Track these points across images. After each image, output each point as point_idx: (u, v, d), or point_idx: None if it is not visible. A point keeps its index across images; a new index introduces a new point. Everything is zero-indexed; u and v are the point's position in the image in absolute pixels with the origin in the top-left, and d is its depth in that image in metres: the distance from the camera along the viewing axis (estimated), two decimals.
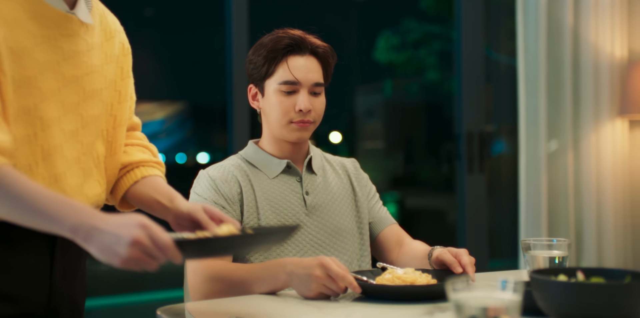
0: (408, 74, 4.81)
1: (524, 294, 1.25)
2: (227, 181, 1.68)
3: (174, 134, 4.87)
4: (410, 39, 4.68)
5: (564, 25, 3.16)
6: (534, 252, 1.47)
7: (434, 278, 1.49)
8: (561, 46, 3.16)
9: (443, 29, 4.59)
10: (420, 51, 4.71)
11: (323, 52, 1.71)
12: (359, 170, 1.88)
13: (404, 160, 4.81)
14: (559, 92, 3.17)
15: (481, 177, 3.31)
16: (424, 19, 4.67)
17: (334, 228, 1.73)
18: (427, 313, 1.34)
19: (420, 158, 4.81)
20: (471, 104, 3.31)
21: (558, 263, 1.44)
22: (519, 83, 3.16)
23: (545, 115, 3.12)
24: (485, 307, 0.97)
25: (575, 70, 3.21)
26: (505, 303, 0.97)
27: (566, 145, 3.16)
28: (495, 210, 3.59)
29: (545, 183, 3.11)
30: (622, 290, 1.08)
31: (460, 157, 3.33)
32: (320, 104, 1.72)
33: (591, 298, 1.09)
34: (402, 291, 1.39)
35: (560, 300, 1.13)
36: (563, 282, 1.13)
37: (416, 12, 4.69)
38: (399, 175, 4.79)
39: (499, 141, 3.68)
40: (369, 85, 4.78)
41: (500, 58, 3.56)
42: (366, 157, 4.72)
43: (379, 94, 4.79)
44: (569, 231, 3.15)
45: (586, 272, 1.20)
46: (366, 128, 4.81)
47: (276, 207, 1.69)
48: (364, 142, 4.75)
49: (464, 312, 1.00)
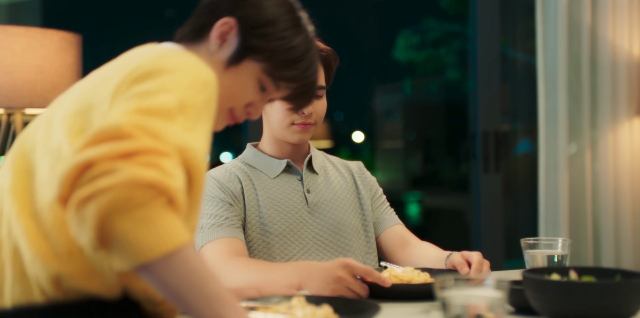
0: (428, 73, 4.80)
1: (517, 293, 1.25)
2: (230, 180, 1.70)
3: None
4: (430, 38, 4.67)
5: (582, 23, 3.13)
6: (533, 251, 1.46)
7: (432, 277, 1.49)
8: (579, 45, 3.13)
9: (463, 28, 4.56)
10: (440, 50, 4.70)
11: (326, 55, 1.72)
12: (363, 171, 1.89)
13: (423, 159, 4.80)
14: (578, 91, 3.14)
15: (497, 176, 3.29)
16: (443, 18, 4.65)
17: (337, 225, 1.73)
18: (423, 312, 1.34)
19: (439, 157, 4.79)
20: (487, 103, 3.29)
21: (557, 262, 1.43)
22: (539, 82, 3.14)
23: (566, 114, 3.08)
24: (467, 305, 0.97)
25: (593, 69, 3.18)
26: (487, 301, 0.97)
27: (584, 144, 3.13)
28: (513, 209, 3.57)
29: (565, 183, 3.08)
30: (611, 289, 1.07)
31: (476, 156, 3.31)
32: (322, 106, 1.73)
33: (581, 297, 1.09)
34: (396, 289, 1.39)
35: (551, 299, 1.12)
36: (553, 280, 1.13)
37: (436, 11, 4.68)
38: (419, 175, 4.79)
39: (524, 140, 3.64)
40: (389, 84, 4.77)
41: (517, 56, 3.53)
42: (386, 156, 4.72)
43: (398, 93, 4.78)
44: (587, 231, 3.11)
45: (579, 271, 1.20)
46: (385, 128, 4.81)
47: (278, 205, 1.70)
48: (383, 142, 4.75)
49: (449, 310, 1.00)
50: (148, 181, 0.86)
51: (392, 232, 1.81)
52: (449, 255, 1.61)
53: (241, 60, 1.18)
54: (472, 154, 3.34)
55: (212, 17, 1.19)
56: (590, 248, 3.13)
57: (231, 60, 1.18)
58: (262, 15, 1.18)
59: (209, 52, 1.19)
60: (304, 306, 1.21)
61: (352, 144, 4.90)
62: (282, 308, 1.21)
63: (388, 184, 4.67)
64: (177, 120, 0.96)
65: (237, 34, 1.17)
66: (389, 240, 1.81)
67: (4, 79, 2.21)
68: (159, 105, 0.95)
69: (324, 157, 1.87)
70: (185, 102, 0.98)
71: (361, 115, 4.91)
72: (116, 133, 0.89)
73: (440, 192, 4.71)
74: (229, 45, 1.18)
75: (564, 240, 1.45)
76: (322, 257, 1.70)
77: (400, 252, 1.79)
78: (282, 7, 1.20)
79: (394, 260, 1.79)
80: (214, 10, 1.20)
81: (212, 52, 1.18)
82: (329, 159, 1.88)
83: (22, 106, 2.24)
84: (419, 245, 1.77)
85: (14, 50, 2.21)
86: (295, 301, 1.23)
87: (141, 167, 0.87)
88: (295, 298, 1.24)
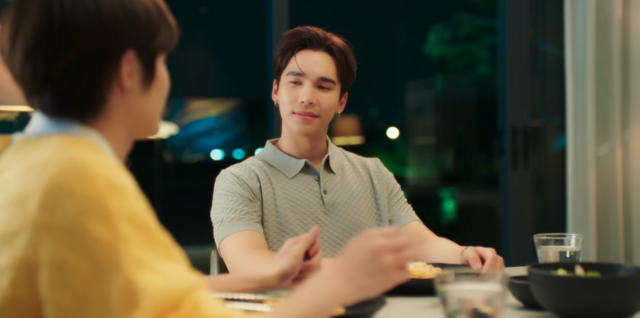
0: (459, 69, 4.77)
1: (524, 288, 1.26)
2: (250, 178, 1.72)
3: (229, 130, 4.97)
4: (462, 33, 4.64)
5: (612, 17, 3.08)
6: (546, 247, 1.46)
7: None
8: (610, 39, 3.08)
9: (495, 23, 4.52)
10: (472, 45, 4.66)
11: (337, 49, 1.72)
12: (380, 168, 1.88)
13: (455, 155, 4.78)
14: (608, 87, 3.09)
15: (526, 173, 3.26)
16: (475, 13, 4.62)
17: (352, 226, 1.74)
18: (431, 306, 1.35)
19: (472, 153, 4.77)
20: (515, 98, 3.26)
21: (570, 258, 1.42)
22: (567, 77, 3.10)
23: (594, 109, 3.04)
24: (464, 299, 0.98)
25: (625, 64, 3.12)
26: (484, 295, 0.98)
27: (615, 141, 3.08)
28: (543, 206, 3.53)
29: (594, 179, 3.04)
30: (614, 285, 1.07)
31: (504, 152, 3.28)
32: (328, 99, 1.71)
33: (584, 292, 1.08)
34: (405, 284, 1.39)
35: (555, 294, 1.12)
36: (556, 275, 1.13)
37: (468, 5, 4.65)
38: (452, 171, 4.76)
39: (562, 136, 3.59)
40: (420, 80, 4.76)
41: (549, 49, 3.49)
42: (418, 152, 4.71)
43: (429, 89, 4.76)
44: (618, 228, 3.07)
45: (586, 266, 1.19)
46: (417, 124, 4.79)
47: (295, 206, 1.72)
48: (415, 138, 4.74)
49: (448, 304, 1.01)
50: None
51: (409, 229, 1.81)
52: (463, 250, 1.62)
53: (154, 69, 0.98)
54: (500, 150, 3.32)
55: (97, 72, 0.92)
56: (621, 245, 3.08)
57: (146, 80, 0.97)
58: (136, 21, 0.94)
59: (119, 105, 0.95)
60: None
61: (386, 140, 4.90)
62: None
63: (421, 181, 4.66)
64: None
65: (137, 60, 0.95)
66: None
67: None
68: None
69: (342, 154, 1.87)
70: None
71: (394, 111, 4.91)
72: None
73: (473, 188, 4.68)
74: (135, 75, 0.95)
75: (577, 236, 1.45)
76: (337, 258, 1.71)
77: (417, 248, 1.79)
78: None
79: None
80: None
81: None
82: (347, 156, 1.88)
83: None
84: (436, 241, 1.77)
85: None
86: None
87: None
88: None
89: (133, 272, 0.78)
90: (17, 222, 0.81)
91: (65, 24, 0.89)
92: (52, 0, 0.90)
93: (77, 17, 0.90)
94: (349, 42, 1.77)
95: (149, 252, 0.81)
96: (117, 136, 0.96)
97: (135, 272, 0.78)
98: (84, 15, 0.90)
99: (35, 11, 0.90)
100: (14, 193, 0.83)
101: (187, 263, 0.86)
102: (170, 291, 0.79)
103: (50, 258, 0.78)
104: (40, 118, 0.93)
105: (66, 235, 0.78)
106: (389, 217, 1.82)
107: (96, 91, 0.92)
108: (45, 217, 0.79)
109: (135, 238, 0.80)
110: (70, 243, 0.78)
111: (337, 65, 1.72)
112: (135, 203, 0.83)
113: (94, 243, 0.78)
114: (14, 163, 0.88)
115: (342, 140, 4.38)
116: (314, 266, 1.31)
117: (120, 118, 0.95)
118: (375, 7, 4.59)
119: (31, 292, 0.80)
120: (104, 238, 0.79)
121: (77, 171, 0.82)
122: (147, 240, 0.82)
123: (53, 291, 0.78)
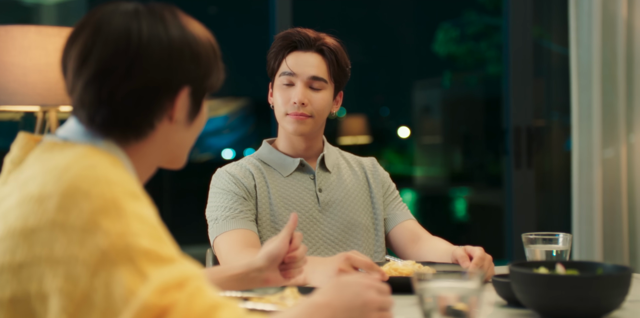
0: (468, 67, 4.76)
1: (506, 286, 1.27)
2: (245, 176, 1.74)
3: (237, 129, 4.99)
4: (471, 32, 4.63)
5: (617, 16, 3.06)
6: (533, 246, 1.46)
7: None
8: (615, 38, 3.07)
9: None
10: (481, 44, 4.66)
11: (328, 49, 1.73)
12: (376, 167, 1.90)
13: (463, 155, 4.77)
14: (613, 87, 3.08)
15: (529, 172, 3.25)
16: (484, 11, 4.61)
17: (347, 224, 1.76)
18: (416, 304, 1.36)
19: (479, 153, 4.76)
20: (518, 98, 3.25)
21: (557, 257, 1.43)
22: (572, 77, 3.09)
23: (600, 109, 3.03)
24: (437, 296, 0.99)
25: (629, 64, 3.11)
26: (458, 292, 0.99)
27: (619, 141, 3.07)
28: (548, 206, 3.52)
29: (599, 179, 3.03)
30: (590, 282, 1.08)
31: (508, 152, 3.28)
32: (320, 99, 1.72)
33: (561, 290, 1.09)
34: (391, 282, 1.41)
35: (533, 292, 1.13)
36: (534, 273, 1.14)
37: (476, 4, 4.64)
38: (460, 171, 4.76)
39: None
40: (428, 79, 4.75)
41: (553, 47, 3.47)
42: (426, 152, 4.70)
43: (437, 88, 4.76)
44: (622, 228, 3.05)
45: (566, 264, 1.20)
46: (425, 123, 4.79)
47: (289, 204, 1.73)
48: (423, 137, 4.74)
49: (424, 301, 1.02)
50: None
51: (403, 228, 1.82)
52: (454, 249, 1.63)
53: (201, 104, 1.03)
54: (504, 149, 3.31)
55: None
56: (625, 245, 3.07)
57: (191, 115, 1.02)
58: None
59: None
60: (296, 296, 1.25)
61: (396, 139, 4.90)
62: (274, 299, 1.25)
63: (430, 180, 4.65)
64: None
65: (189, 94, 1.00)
66: (400, 236, 1.82)
67: (39, 78, 2.31)
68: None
69: (338, 154, 1.88)
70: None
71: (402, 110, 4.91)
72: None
73: (480, 187, 4.68)
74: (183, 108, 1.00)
75: (564, 235, 1.45)
76: (331, 255, 1.72)
77: (411, 247, 1.80)
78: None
79: (405, 255, 1.80)
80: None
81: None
82: (343, 155, 1.89)
83: (56, 104, 2.34)
84: (430, 240, 1.78)
85: (47, 49, 2.31)
86: (287, 291, 1.27)
87: None
88: (288, 289, 1.28)
89: (142, 262, 0.82)
90: (35, 220, 0.84)
91: (140, 53, 0.94)
92: (131, 27, 0.94)
93: (152, 48, 0.95)
94: (342, 42, 1.78)
95: (157, 247, 0.85)
96: (148, 161, 1.01)
97: (144, 263, 0.82)
98: (158, 47, 0.95)
99: (115, 35, 0.94)
100: (33, 191, 0.87)
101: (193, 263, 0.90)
102: (177, 273, 0.84)
103: (63, 254, 0.82)
104: (74, 124, 0.97)
105: (79, 232, 0.82)
106: (384, 215, 1.83)
107: (148, 118, 0.97)
108: (62, 216, 0.83)
109: (145, 234, 0.84)
110: (81, 239, 0.82)
111: (328, 65, 1.73)
112: (147, 210, 0.88)
113: (104, 236, 0.82)
114: (39, 162, 0.92)
115: (349, 140, 4.39)
116: (298, 258, 1.32)
117: (157, 145, 1.00)
118: (383, 5, 4.59)
119: (37, 287, 0.83)
120: (114, 231, 0.83)
121: (95, 176, 0.86)
122: (156, 239, 0.86)
123: (66, 284, 0.81)
